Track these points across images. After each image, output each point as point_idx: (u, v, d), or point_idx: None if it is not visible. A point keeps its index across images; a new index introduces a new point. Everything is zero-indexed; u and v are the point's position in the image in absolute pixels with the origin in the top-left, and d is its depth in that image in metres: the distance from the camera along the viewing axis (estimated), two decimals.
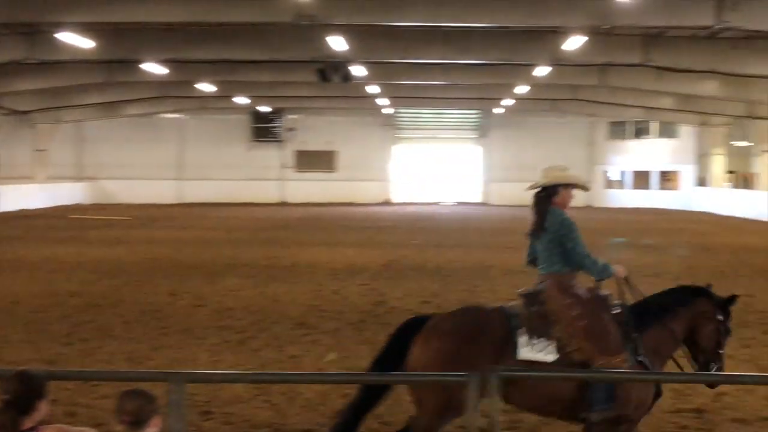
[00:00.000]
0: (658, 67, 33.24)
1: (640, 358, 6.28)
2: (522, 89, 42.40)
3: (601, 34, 30.76)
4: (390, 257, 23.28)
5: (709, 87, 39.84)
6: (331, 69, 31.85)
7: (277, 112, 56.66)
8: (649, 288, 7.07)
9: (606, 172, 59.62)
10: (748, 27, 25.54)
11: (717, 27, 24.88)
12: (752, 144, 51.80)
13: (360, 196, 56.50)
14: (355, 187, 57.43)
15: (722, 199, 51.66)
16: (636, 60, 32.26)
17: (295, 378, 9.16)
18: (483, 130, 58.99)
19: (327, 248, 25.69)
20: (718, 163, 54.30)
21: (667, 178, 59.21)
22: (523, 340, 6.25)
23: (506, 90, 44.03)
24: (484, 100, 50.04)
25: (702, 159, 56.65)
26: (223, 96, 47.20)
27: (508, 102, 49.68)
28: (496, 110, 54.75)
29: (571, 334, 6.25)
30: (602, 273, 6.55)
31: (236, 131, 57.59)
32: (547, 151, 57.57)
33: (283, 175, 58.28)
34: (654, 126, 57.75)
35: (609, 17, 25.18)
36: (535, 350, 6.23)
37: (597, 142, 58.89)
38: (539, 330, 6.29)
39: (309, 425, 8.60)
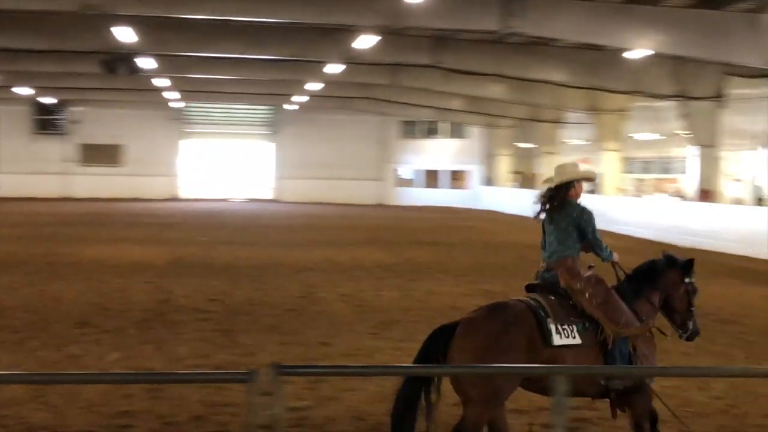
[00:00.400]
0: (447, 69, 34.26)
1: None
2: (314, 86, 42.66)
3: (392, 34, 31.40)
4: (176, 254, 22.86)
5: (496, 90, 41.56)
6: (118, 61, 30.89)
7: (61, 104, 54.42)
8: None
9: (397, 170, 60.90)
10: (532, 33, 26.76)
11: (503, 32, 25.90)
12: (535, 146, 54.40)
13: (147, 192, 55.20)
14: (143, 182, 56.04)
15: (508, 198, 53.94)
16: (426, 61, 33.16)
17: (75, 378, 8.81)
18: (275, 126, 58.90)
19: (111, 245, 24.94)
20: (504, 164, 56.77)
21: (457, 177, 61.22)
22: (552, 327, 6.85)
23: (298, 87, 44.17)
24: (276, 96, 50.04)
25: (489, 159, 58.99)
26: (3, 86, 44.88)
27: (301, 99, 49.86)
28: (288, 107, 54.81)
29: (591, 314, 6.99)
30: (609, 256, 7.48)
31: (17, 123, 54.89)
32: (339, 148, 58.34)
33: (67, 169, 56.03)
34: (444, 126, 59.56)
35: (399, 18, 25.70)
36: (564, 336, 6.85)
37: (389, 140, 60.07)
38: (563, 316, 6.95)
39: (89, 427, 8.31)
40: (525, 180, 59.84)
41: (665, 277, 7.57)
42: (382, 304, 15.44)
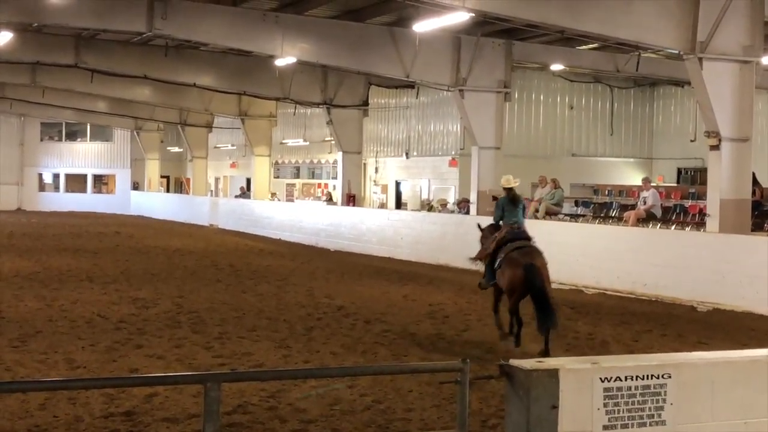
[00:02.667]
0: (91, 70, 33.07)
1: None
2: None
3: (31, 32, 29.80)
4: None
5: (143, 92, 40.73)
6: None
7: None
8: None
9: (40, 174, 57.91)
10: (178, 36, 26.55)
11: (149, 34, 25.45)
12: (183, 150, 53.97)
13: None
14: None
15: (157, 203, 53.10)
16: (69, 61, 31.83)
17: None
18: None
19: None
20: (153, 168, 55.80)
21: (103, 182, 59.35)
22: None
23: None
24: None
25: (136, 163, 57.77)
26: None
27: None
28: None
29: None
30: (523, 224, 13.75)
31: None
32: None
33: None
34: (89, 129, 57.59)
35: (38, 15, 24.44)
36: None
37: (29, 142, 57.06)
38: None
39: None
40: (175, 184, 59.31)
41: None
42: (23, 315, 14.58)
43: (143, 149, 55.54)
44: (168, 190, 58.93)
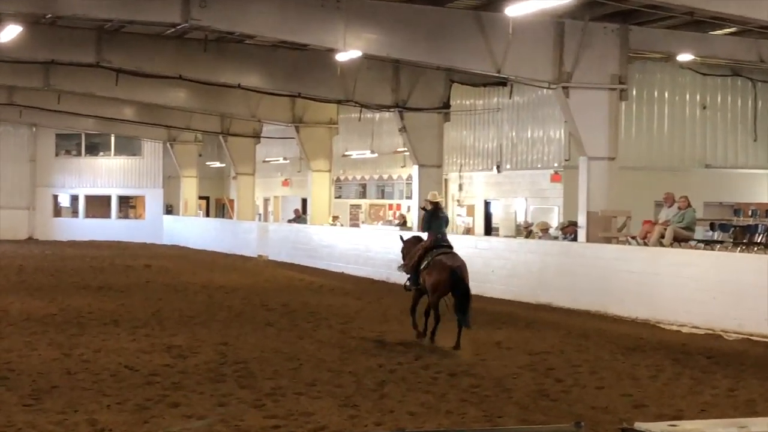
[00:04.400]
0: (115, 70, 33.68)
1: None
2: None
3: (44, 25, 30.46)
4: None
5: (178, 96, 41.40)
6: None
7: None
8: None
9: (55, 196, 59.10)
10: (220, 28, 26.86)
11: (184, 25, 25.80)
12: (225, 165, 54.62)
13: None
14: None
15: (195, 230, 53.80)
16: (89, 59, 32.42)
17: None
18: None
19: None
20: (190, 187, 56.55)
21: (131, 205, 60.32)
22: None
23: None
24: None
25: (170, 182, 58.62)
26: None
27: None
28: None
29: None
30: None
31: None
32: None
33: None
34: (113, 141, 58.59)
35: (52, 5, 24.98)
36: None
37: (42, 158, 58.26)
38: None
39: None
40: (217, 207, 60.01)
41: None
42: (37, 367, 14.84)
43: (178, 165, 56.42)
44: (208, 214, 59.73)
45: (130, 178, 59.34)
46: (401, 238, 20.62)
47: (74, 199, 59.56)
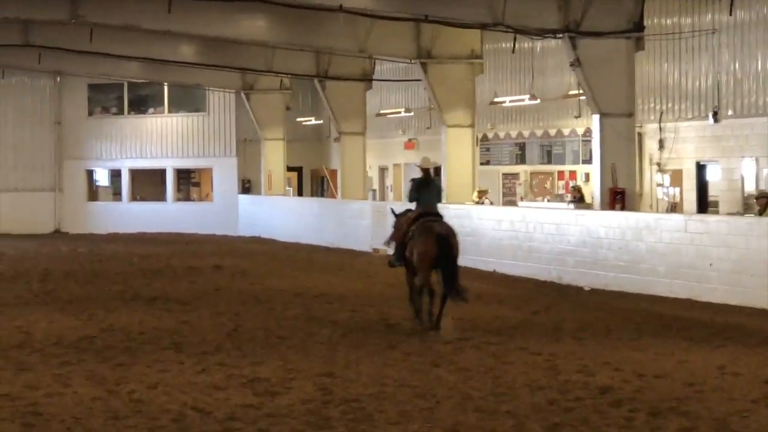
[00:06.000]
0: None
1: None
2: None
3: None
4: None
5: (254, 26, 41.65)
6: None
7: None
8: None
9: (90, 172, 60.00)
10: None
11: None
12: (324, 122, 54.73)
13: None
14: None
15: (283, 214, 54.03)
16: None
17: None
18: None
19: None
20: (275, 154, 56.75)
21: (194, 181, 61.14)
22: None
23: None
24: None
25: (247, 147, 59.00)
26: None
27: None
28: None
29: None
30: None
31: None
32: None
33: None
34: (167, 92, 59.13)
35: None
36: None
37: (70, 119, 59.66)
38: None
39: None
40: (312, 181, 60.31)
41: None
42: (72, 409, 15.13)
43: (257, 124, 56.80)
44: (300, 192, 60.06)
45: (192, 144, 59.91)
46: (392, 211, 25.94)
47: (115, 175, 60.48)
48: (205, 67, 50.69)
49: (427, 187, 23.28)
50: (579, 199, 37.72)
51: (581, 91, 36.01)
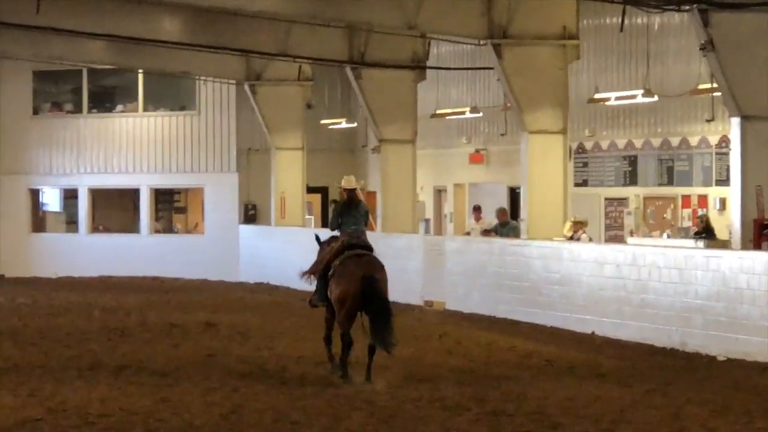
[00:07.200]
0: None
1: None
2: None
3: None
4: None
5: None
6: None
7: None
8: None
9: (34, 191, 60.42)
10: None
11: None
12: (357, 125, 55.09)
13: None
14: None
15: (301, 252, 54.41)
16: None
17: None
18: None
19: None
20: (290, 170, 57.08)
21: (177, 206, 61.68)
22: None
23: None
24: None
25: (252, 159, 59.44)
26: None
27: None
28: None
29: None
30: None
31: None
32: None
33: None
34: (142, 83, 59.56)
35: None
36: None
37: (10, 120, 59.64)
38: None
39: None
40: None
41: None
42: None
43: (266, 127, 57.08)
44: (324, 222, 60.22)
45: (176, 154, 60.38)
46: (317, 238, 29.42)
47: (70, 197, 60.85)
48: (196, 49, 50.64)
49: (350, 211, 27.01)
50: (706, 234, 37.65)
51: (715, 85, 36.01)
